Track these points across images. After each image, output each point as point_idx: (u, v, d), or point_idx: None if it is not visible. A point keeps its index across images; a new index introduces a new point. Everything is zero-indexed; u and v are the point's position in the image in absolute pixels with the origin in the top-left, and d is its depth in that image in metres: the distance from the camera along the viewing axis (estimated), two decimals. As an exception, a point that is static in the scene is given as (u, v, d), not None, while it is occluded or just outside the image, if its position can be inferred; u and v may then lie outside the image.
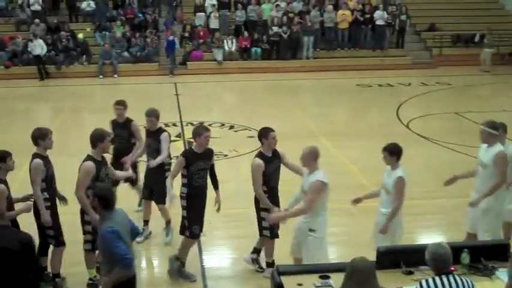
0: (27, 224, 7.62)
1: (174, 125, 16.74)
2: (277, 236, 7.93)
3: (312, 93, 23.06)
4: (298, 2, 27.17)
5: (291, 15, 25.93)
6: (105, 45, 24.75)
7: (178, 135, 15.70)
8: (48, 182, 7.60)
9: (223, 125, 16.76)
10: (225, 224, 8.81)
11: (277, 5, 26.58)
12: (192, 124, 16.79)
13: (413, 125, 16.55)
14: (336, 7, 26.80)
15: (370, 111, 19.89)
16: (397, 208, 7.38)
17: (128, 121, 9.73)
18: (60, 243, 7.81)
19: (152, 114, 9.14)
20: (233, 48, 25.72)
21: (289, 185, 8.08)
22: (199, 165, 7.86)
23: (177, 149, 14.40)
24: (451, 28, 28.04)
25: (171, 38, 24.94)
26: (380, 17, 26.17)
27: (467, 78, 24.05)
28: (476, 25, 27.91)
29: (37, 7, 26.33)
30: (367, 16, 26.45)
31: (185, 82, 23.53)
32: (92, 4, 26.85)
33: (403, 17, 26.60)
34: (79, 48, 25.08)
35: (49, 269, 7.98)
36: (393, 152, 7.42)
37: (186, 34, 26.18)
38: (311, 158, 7.28)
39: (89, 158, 7.46)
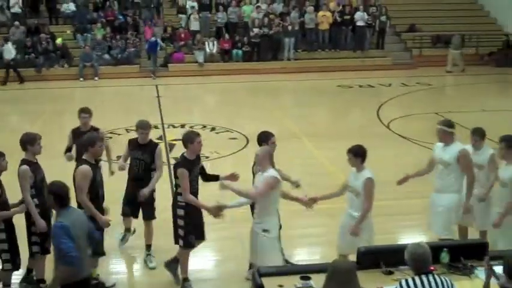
0: (22, 225, 7.60)
1: (156, 127, 16.65)
2: None
3: (293, 94, 23.13)
4: (279, 3, 27.23)
5: (271, 16, 25.96)
6: (85, 47, 24.63)
7: (160, 138, 15.66)
8: (37, 188, 7.51)
9: (204, 126, 16.75)
10: (208, 226, 8.77)
11: (258, 7, 26.63)
12: (173, 126, 16.83)
13: (393, 125, 16.66)
14: (317, 8, 26.90)
15: (351, 112, 19.99)
16: (367, 210, 7.40)
17: (93, 129, 9.34)
18: (45, 250, 7.69)
19: (148, 127, 8.74)
20: (214, 50, 25.73)
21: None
22: (195, 171, 7.80)
23: (158, 151, 14.44)
24: (430, 29, 28.27)
25: (153, 39, 24.91)
26: (360, 18, 26.29)
27: (447, 79, 24.28)
28: (455, 26, 28.12)
29: (17, 9, 26.15)
30: (347, 17, 26.56)
31: (166, 84, 23.51)
32: (72, 6, 26.70)
33: (383, 18, 26.74)
34: (59, 51, 24.94)
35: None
36: (358, 154, 7.46)
37: (167, 36, 26.16)
38: (265, 158, 7.24)
39: (83, 161, 7.43)
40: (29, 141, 7.57)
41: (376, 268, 6.25)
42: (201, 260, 8.93)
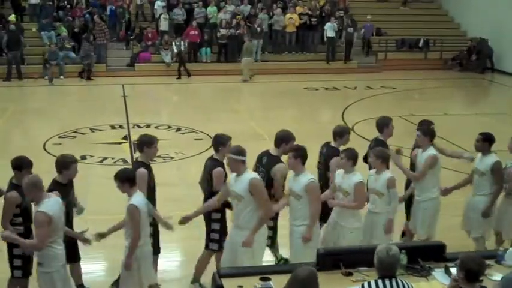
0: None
1: (121, 127, 16.67)
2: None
3: (260, 96, 23.16)
4: (246, 5, 27.21)
5: (238, 17, 25.96)
6: (50, 46, 24.32)
7: (125, 138, 15.64)
8: (150, 192, 7.49)
9: (170, 127, 16.74)
10: (174, 226, 8.76)
11: (224, 7, 26.62)
12: (139, 126, 16.78)
13: (358, 128, 16.80)
14: (284, 10, 26.99)
15: (316, 114, 20.10)
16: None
17: None
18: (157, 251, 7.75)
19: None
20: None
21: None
22: None
23: (123, 151, 14.40)
24: (396, 33, 28.58)
25: (113, 7, 26.02)
26: (330, 28, 26.26)
27: (411, 82, 24.58)
28: (420, 30, 28.58)
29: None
30: (314, 20, 26.70)
31: (133, 84, 23.35)
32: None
33: (350, 30, 26.54)
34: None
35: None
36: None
37: (134, 36, 26.09)
38: (34, 188, 6.41)
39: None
40: (146, 143, 7.56)
41: (336, 269, 6.29)
42: (167, 261, 8.92)
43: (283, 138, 7.97)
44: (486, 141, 8.42)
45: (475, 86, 25.31)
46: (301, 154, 7.35)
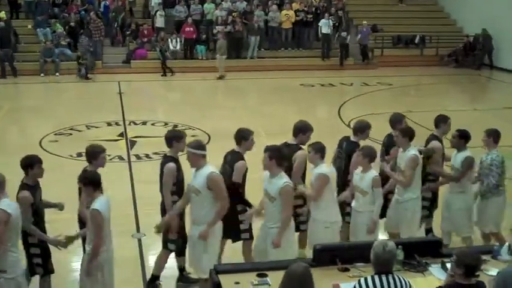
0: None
1: (117, 124, 16.64)
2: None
3: (256, 92, 23.17)
4: (242, 2, 27.18)
5: (234, 14, 25.94)
6: (46, 42, 24.26)
7: (121, 135, 15.62)
8: (178, 186, 7.54)
9: (166, 124, 16.72)
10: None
11: (220, 4, 26.59)
12: (134, 123, 16.75)
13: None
14: (280, 7, 26.97)
15: (312, 110, 20.05)
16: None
17: None
18: (181, 253, 7.87)
19: None
20: (177, 47, 25.61)
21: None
22: None
23: (119, 148, 14.38)
24: (392, 29, 28.59)
25: (106, 3, 25.87)
26: (325, 25, 26.20)
27: (407, 79, 24.59)
28: (416, 27, 28.59)
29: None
30: (310, 16, 26.67)
31: (129, 81, 23.32)
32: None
33: (344, 34, 26.21)
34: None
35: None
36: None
37: (130, 32, 26.04)
38: None
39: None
40: (176, 138, 7.64)
41: (332, 265, 6.29)
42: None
43: (301, 129, 8.07)
44: (462, 138, 8.40)
45: (471, 82, 25.34)
46: (276, 155, 7.06)
